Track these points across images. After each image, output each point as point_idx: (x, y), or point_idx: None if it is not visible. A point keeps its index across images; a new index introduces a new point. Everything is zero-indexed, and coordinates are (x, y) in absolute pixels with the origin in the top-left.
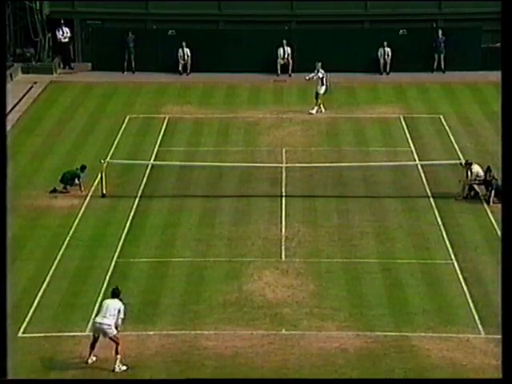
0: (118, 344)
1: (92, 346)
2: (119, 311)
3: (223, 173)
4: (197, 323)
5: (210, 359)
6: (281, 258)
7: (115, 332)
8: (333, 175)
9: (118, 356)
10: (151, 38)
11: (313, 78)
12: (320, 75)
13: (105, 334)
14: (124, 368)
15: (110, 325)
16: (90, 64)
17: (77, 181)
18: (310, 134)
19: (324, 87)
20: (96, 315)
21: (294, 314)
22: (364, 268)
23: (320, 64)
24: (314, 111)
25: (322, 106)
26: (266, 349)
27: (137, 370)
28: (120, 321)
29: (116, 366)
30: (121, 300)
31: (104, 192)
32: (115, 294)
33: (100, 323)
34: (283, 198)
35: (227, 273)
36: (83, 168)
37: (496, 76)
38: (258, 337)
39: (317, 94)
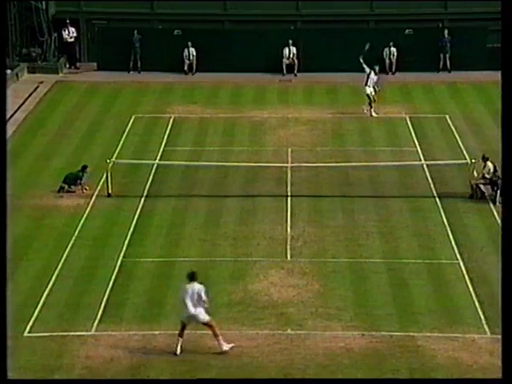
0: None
1: (180, 335)
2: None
3: (228, 172)
4: None
5: (215, 359)
6: (286, 257)
7: (208, 318)
8: (338, 175)
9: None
10: (157, 37)
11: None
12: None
13: (198, 321)
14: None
15: (201, 312)
16: (95, 64)
17: (79, 181)
18: (316, 133)
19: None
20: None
21: (300, 313)
22: (369, 268)
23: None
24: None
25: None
26: (272, 348)
27: (142, 369)
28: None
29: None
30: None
31: (110, 192)
32: (193, 277)
33: (194, 313)
34: (289, 198)
35: (232, 272)
36: (84, 168)
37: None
38: (264, 336)
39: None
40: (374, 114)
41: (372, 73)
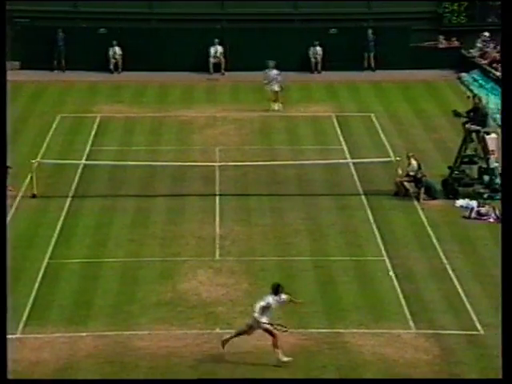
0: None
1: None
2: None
3: (156, 172)
4: (130, 323)
5: (143, 359)
6: (215, 256)
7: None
8: (266, 174)
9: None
10: (81, 36)
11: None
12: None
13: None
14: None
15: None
16: (18, 63)
17: None
18: (244, 132)
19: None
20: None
21: (229, 312)
22: (297, 266)
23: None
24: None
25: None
26: (201, 348)
27: (69, 371)
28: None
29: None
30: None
31: (35, 192)
32: (276, 291)
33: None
34: (217, 197)
35: (161, 272)
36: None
37: (424, 74)
38: (193, 336)
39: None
40: (276, 107)
41: (273, 70)
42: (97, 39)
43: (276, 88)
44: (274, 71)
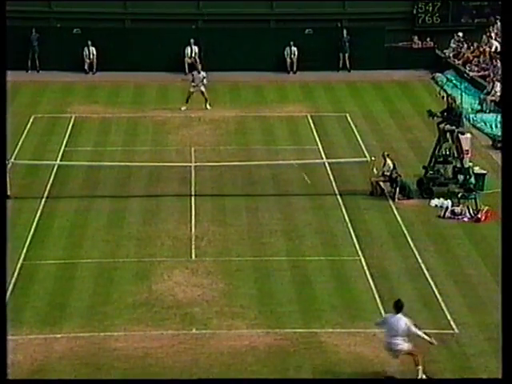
0: (414, 355)
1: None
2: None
3: (132, 172)
4: (106, 325)
5: (119, 361)
6: (191, 257)
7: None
8: (242, 174)
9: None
10: (55, 36)
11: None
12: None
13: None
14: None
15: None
16: None
17: None
18: (219, 132)
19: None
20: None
21: (204, 313)
22: (273, 266)
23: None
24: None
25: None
26: (176, 349)
27: (44, 373)
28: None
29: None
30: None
31: (9, 193)
32: (399, 309)
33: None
34: (192, 197)
35: (136, 273)
36: None
37: (399, 74)
38: (168, 337)
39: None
40: (208, 106)
41: (199, 72)
42: (71, 39)
43: (202, 88)
44: (203, 73)
